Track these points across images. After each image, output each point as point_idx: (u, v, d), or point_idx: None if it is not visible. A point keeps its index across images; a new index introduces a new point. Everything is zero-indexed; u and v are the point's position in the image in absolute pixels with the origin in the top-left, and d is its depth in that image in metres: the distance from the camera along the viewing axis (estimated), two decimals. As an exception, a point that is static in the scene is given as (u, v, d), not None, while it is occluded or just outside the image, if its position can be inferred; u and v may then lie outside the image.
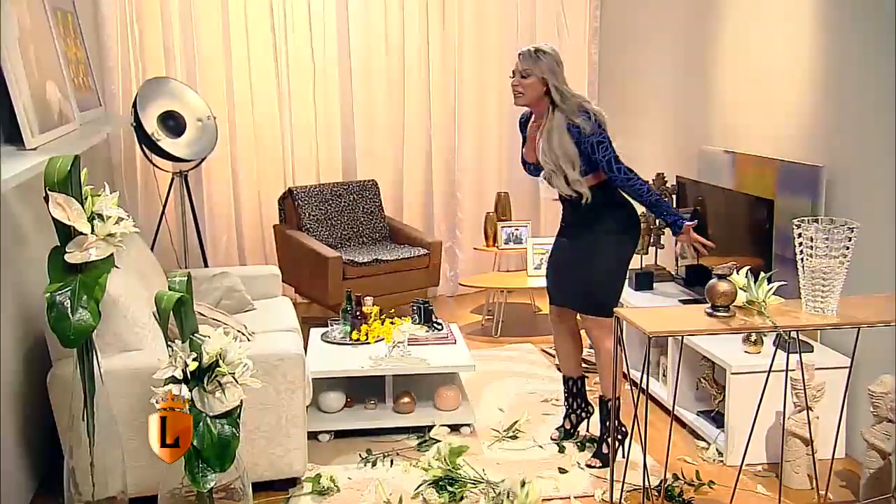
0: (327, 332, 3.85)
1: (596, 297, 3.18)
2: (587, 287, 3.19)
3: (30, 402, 2.86)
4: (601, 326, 3.20)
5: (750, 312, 2.42)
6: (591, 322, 3.24)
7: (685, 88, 4.59)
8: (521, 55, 3.12)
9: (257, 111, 5.34)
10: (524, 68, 3.09)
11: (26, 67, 2.78)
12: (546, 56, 3.08)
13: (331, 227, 5.13)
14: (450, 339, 3.77)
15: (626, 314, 2.49)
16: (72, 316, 2.32)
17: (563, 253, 3.29)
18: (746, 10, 3.97)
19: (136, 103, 4.53)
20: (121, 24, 5.02)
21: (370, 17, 5.43)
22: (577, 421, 3.50)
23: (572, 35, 5.79)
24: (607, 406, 3.22)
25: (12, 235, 2.87)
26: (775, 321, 2.32)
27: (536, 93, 3.09)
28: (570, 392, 3.48)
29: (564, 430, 3.48)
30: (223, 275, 4.02)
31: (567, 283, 3.27)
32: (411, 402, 3.53)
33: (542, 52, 3.09)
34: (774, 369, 2.62)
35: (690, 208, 4.16)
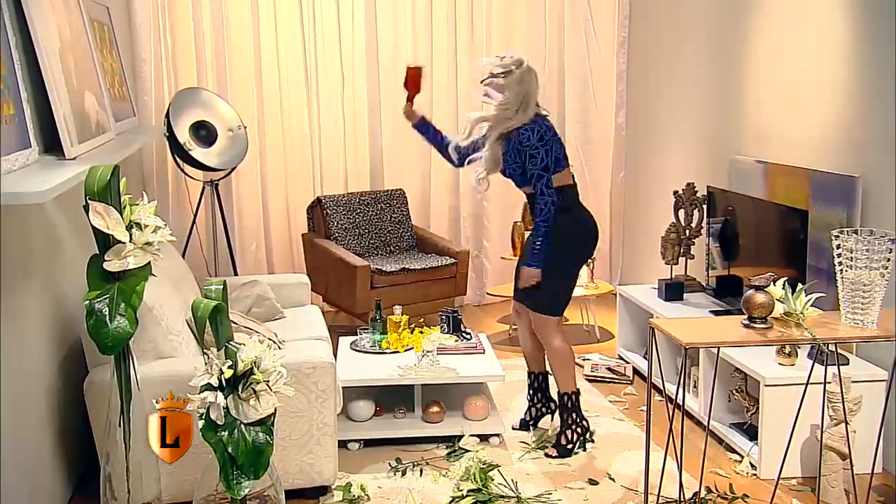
0: (356, 341, 3.86)
1: (539, 295, 3.35)
2: (534, 285, 3.34)
3: (66, 408, 2.89)
4: (545, 325, 3.39)
5: (787, 324, 2.40)
6: (536, 320, 3.41)
7: (716, 97, 4.56)
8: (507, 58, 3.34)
9: (286, 121, 5.38)
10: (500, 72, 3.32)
11: (66, 78, 2.82)
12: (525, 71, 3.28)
13: (359, 236, 5.16)
14: (478, 348, 3.77)
15: (661, 324, 2.47)
16: (110, 323, 2.35)
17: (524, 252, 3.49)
18: (779, 19, 3.94)
19: (168, 113, 4.59)
20: (154, 36, 5.09)
21: (398, 28, 5.46)
22: (538, 415, 3.67)
23: (601, 44, 5.78)
24: (563, 399, 3.41)
25: (50, 243, 2.91)
26: (814, 333, 2.29)
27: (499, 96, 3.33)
28: (531, 386, 3.66)
29: (523, 422, 3.66)
30: (253, 283, 4.05)
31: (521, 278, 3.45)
32: (440, 412, 3.53)
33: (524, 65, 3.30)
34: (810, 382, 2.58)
35: (721, 218, 4.13)
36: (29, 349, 2.67)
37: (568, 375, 3.41)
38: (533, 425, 3.65)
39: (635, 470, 3.20)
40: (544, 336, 3.41)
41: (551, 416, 3.66)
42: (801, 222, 3.43)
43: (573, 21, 5.72)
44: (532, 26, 5.65)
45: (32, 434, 2.66)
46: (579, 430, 3.43)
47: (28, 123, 2.51)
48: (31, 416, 2.67)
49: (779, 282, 2.42)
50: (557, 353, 3.40)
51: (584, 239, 3.42)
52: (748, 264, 3.90)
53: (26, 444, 2.60)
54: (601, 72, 5.83)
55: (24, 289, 2.66)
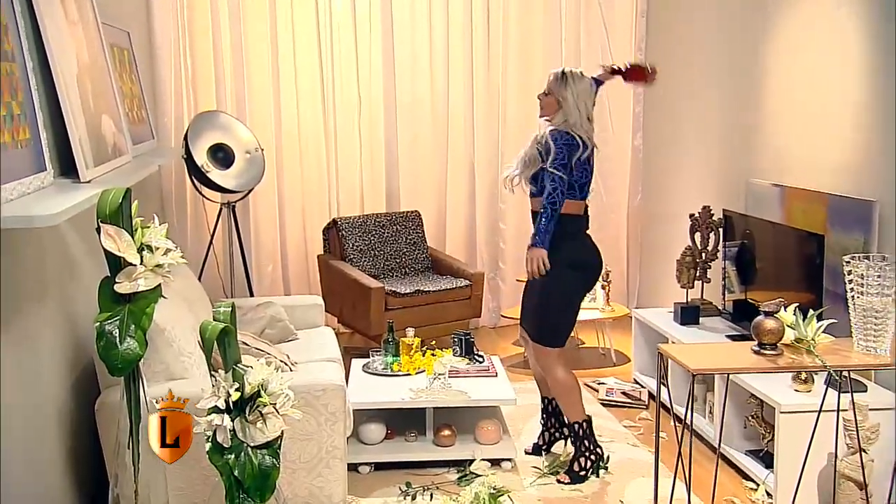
0: (369, 363, 3.86)
1: (539, 327, 3.35)
2: (535, 313, 3.36)
3: (78, 429, 2.91)
4: (546, 356, 3.36)
5: (798, 351, 2.36)
6: (537, 351, 3.39)
7: (732, 120, 4.54)
8: (551, 73, 3.38)
9: (304, 143, 5.43)
10: (547, 86, 3.35)
11: (83, 102, 2.87)
12: (570, 79, 3.29)
13: (374, 257, 5.17)
14: (491, 371, 3.75)
15: (670, 350, 2.44)
16: (120, 345, 2.36)
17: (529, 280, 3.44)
18: (797, 41, 3.92)
19: (187, 136, 4.65)
20: (174, 60, 5.17)
21: (416, 50, 5.51)
22: (551, 439, 3.64)
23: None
24: (574, 429, 3.38)
25: (65, 265, 2.94)
26: (825, 360, 2.26)
27: (552, 110, 3.33)
28: (545, 410, 3.63)
29: (536, 446, 3.63)
30: (267, 304, 4.07)
31: (525, 306, 3.46)
32: (451, 436, 3.51)
33: (568, 75, 3.30)
34: (826, 409, 2.54)
35: (738, 242, 4.09)
36: (42, 370, 2.69)
37: (574, 405, 3.37)
38: (546, 450, 3.62)
39: (648, 497, 3.15)
40: (545, 367, 3.38)
41: (564, 442, 3.62)
42: (817, 247, 3.39)
43: (589, 44, 5.73)
44: (548, 49, 5.67)
45: (44, 455, 2.68)
46: (593, 457, 3.39)
47: (44, 147, 2.55)
48: (44, 437, 2.69)
49: (790, 308, 2.39)
50: (560, 385, 3.36)
51: (587, 269, 3.38)
52: (765, 288, 3.85)
53: (38, 465, 2.61)
54: (617, 94, 5.82)
55: (38, 310, 2.69)
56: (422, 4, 5.48)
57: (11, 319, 2.47)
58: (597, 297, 5.05)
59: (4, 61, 2.34)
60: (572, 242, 3.29)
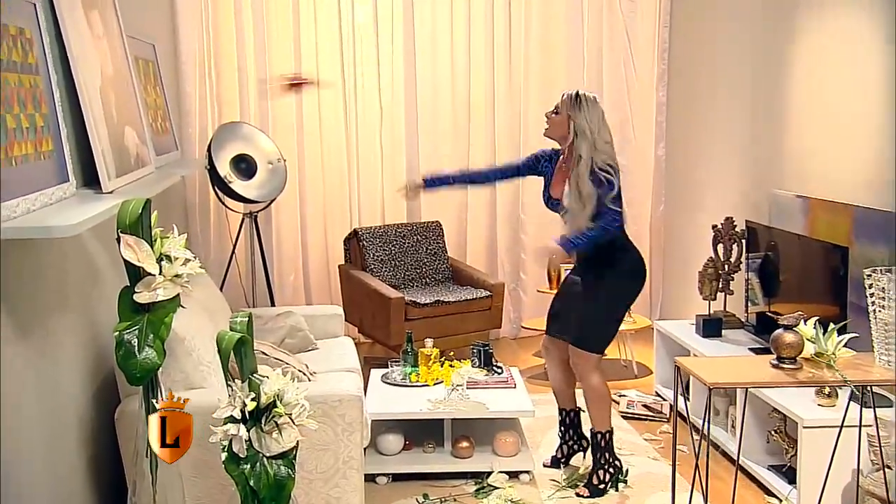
0: (387, 374, 3.86)
1: (586, 331, 3.34)
2: (582, 320, 3.35)
3: (99, 437, 2.94)
4: (586, 361, 3.34)
5: (818, 365, 2.33)
6: (577, 356, 3.37)
7: (755, 129, 4.50)
8: (563, 94, 3.35)
9: (326, 153, 5.47)
10: (557, 105, 3.34)
11: (106, 114, 2.91)
12: (583, 102, 3.27)
13: (394, 267, 5.18)
14: (509, 383, 3.73)
15: (687, 364, 2.42)
16: (138, 354, 2.38)
17: (569, 287, 3.49)
18: (821, 51, 3.88)
19: (210, 147, 4.70)
20: (199, 72, 5.23)
21: (437, 59, 5.53)
22: (569, 452, 3.61)
23: (640, 77, 5.77)
24: (597, 438, 3.36)
25: (88, 274, 2.98)
26: (845, 375, 2.22)
27: (561, 130, 3.31)
28: (563, 423, 3.61)
29: (555, 459, 3.61)
30: (287, 314, 4.09)
31: (565, 315, 3.44)
32: (469, 447, 3.49)
33: (582, 98, 3.28)
34: (849, 424, 2.50)
35: (761, 253, 4.05)
36: (63, 378, 2.73)
37: (603, 414, 3.36)
38: (564, 463, 3.60)
39: (668, 511, 3.12)
40: (582, 372, 3.37)
41: (583, 454, 3.60)
42: (841, 259, 3.34)
43: (612, 55, 5.71)
44: (571, 60, 5.66)
45: (65, 462, 2.71)
46: (612, 469, 3.37)
47: (67, 158, 2.59)
48: (64, 444, 2.72)
49: (810, 321, 2.36)
50: (595, 391, 3.36)
51: (636, 280, 3.40)
52: (789, 301, 3.80)
53: (58, 472, 2.64)
54: (641, 104, 5.81)
55: (60, 319, 2.72)
56: (443, 16, 5.50)
57: (33, 328, 2.51)
58: (618, 308, 5.02)
59: (29, 74, 2.39)
60: (628, 253, 3.34)
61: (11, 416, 2.30)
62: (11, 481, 2.25)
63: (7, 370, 2.31)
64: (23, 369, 2.41)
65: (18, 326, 2.39)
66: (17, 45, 2.33)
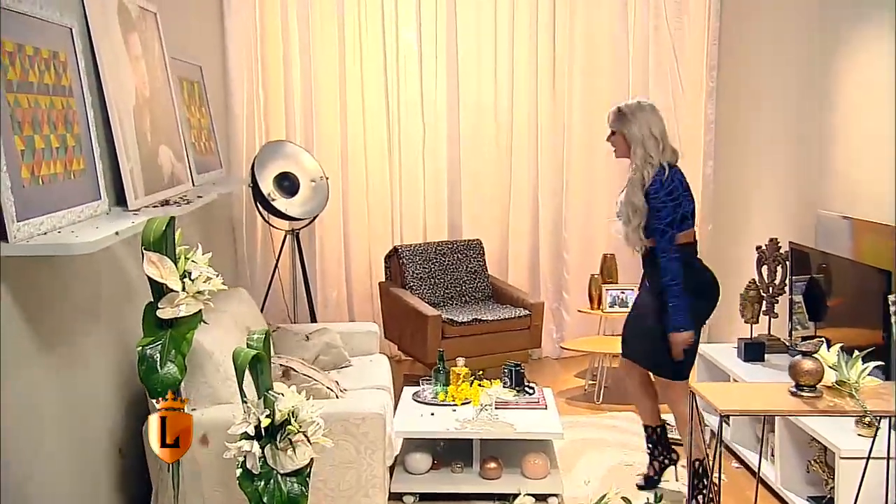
0: (419, 392, 3.85)
1: (660, 358, 3.23)
2: (653, 346, 3.24)
3: (128, 450, 3.01)
4: (672, 389, 3.27)
5: (840, 394, 2.22)
6: (661, 385, 3.29)
7: (803, 147, 4.35)
8: (609, 113, 3.31)
9: (369, 171, 5.52)
10: (610, 126, 3.31)
11: (139, 134, 3.00)
12: (629, 111, 3.24)
13: (434, 285, 5.18)
14: (540, 404, 3.68)
15: (701, 389, 2.35)
16: (160, 369, 2.44)
17: (639, 308, 3.41)
18: (870, 69, 3.74)
19: (254, 165, 4.79)
20: (247, 93, 5.35)
21: (480, 77, 5.54)
22: (661, 468, 3.50)
23: (688, 93, 5.66)
24: (694, 466, 3.18)
25: (122, 289, 3.07)
26: (866, 404, 2.12)
27: (622, 148, 3.30)
28: (650, 440, 3.50)
29: (647, 478, 3.49)
30: (322, 331, 4.13)
31: (636, 338, 3.36)
32: (497, 468, 3.45)
33: (624, 109, 3.26)
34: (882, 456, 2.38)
35: (805, 276, 3.91)
36: (92, 390, 2.81)
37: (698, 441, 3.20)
38: (658, 479, 3.51)
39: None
40: (672, 402, 3.28)
41: (674, 467, 3.51)
42: (886, 283, 3.20)
43: (658, 71, 5.62)
44: (616, 75, 5.59)
45: (96, 474, 2.78)
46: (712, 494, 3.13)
47: (99, 177, 2.68)
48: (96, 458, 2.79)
49: (833, 348, 2.26)
50: (684, 418, 3.17)
51: (705, 296, 3.28)
52: (837, 325, 3.66)
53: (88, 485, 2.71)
54: (688, 121, 5.69)
55: (92, 331, 2.81)
56: (487, 34, 5.51)
57: (62, 341, 2.59)
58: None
59: (61, 96, 2.48)
60: (689, 270, 3.18)
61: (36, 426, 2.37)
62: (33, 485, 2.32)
63: (33, 381, 2.39)
64: (49, 380, 2.49)
65: (46, 339, 2.48)
66: (51, 67, 2.43)
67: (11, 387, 2.24)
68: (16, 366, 2.26)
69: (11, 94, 2.16)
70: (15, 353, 2.26)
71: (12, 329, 2.26)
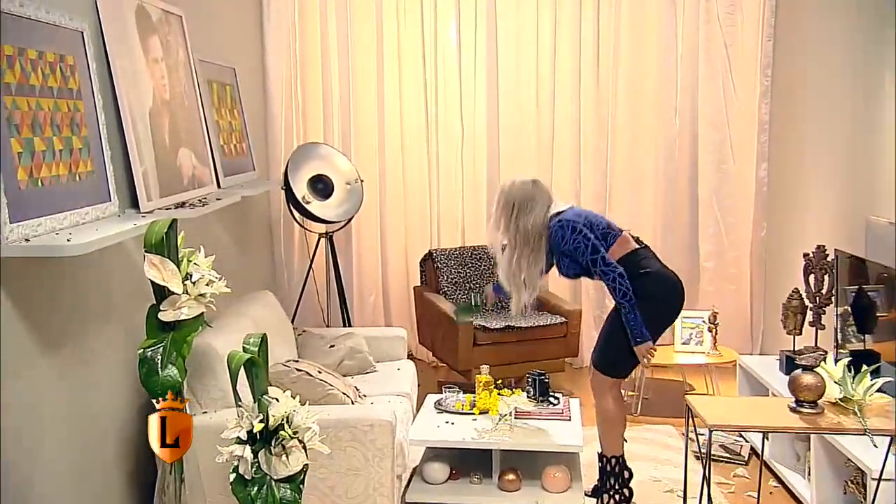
0: (441, 399, 3.78)
1: (602, 353, 3.39)
2: (601, 342, 3.42)
3: (140, 449, 3.02)
4: (601, 382, 3.38)
5: (844, 410, 2.05)
6: (594, 375, 3.42)
7: (857, 150, 4.11)
8: None
9: (407, 174, 5.48)
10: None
11: (156, 136, 3.02)
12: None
13: (468, 290, 5.09)
14: (564, 415, 3.56)
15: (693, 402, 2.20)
16: (160, 372, 2.43)
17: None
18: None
19: (287, 168, 4.80)
20: (286, 95, 5.38)
21: (520, 79, 5.43)
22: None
23: (740, 94, 5.43)
24: (603, 462, 3.39)
25: (135, 290, 3.08)
26: (866, 422, 1.94)
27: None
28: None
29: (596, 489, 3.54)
30: (348, 335, 4.09)
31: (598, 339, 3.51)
32: (516, 480, 3.35)
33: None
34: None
35: (854, 286, 3.68)
36: (105, 392, 2.83)
37: (613, 438, 3.35)
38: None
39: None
40: (597, 392, 3.39)
41: None
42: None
43: (709, 70, 5.41)
44: (663, 77, 5.41)
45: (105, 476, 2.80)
46: (617, 496, 3.34)
47: (109, 179, 2.70)
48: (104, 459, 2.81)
49: (840, 362, 2.08)
50: (606, 414, 3.35)
51: (654, 303, 3.25)
52: (889, 339, 3.43)
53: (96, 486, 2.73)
54: (740, 122, 5.46)
55: (104, 333, 2.83)
56: (528, 36, 5.40)
57: (73, 340, 2.61)
58: (704, 340, 4.72)
59: (68, 99, 2.50)
60: (647, 278, 3.25)
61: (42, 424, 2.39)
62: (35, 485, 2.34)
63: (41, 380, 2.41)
64: (55, 381, 2.51)
65: (53, 340, 2.50)
66: (56, 70, 2.45)
67: (12, 387, 2.26)
68: (17, 366, 2.28)
69: (9, 97, 2.18)
70: (16, 354, 2.29)
71: (13, 330, 2.28)
